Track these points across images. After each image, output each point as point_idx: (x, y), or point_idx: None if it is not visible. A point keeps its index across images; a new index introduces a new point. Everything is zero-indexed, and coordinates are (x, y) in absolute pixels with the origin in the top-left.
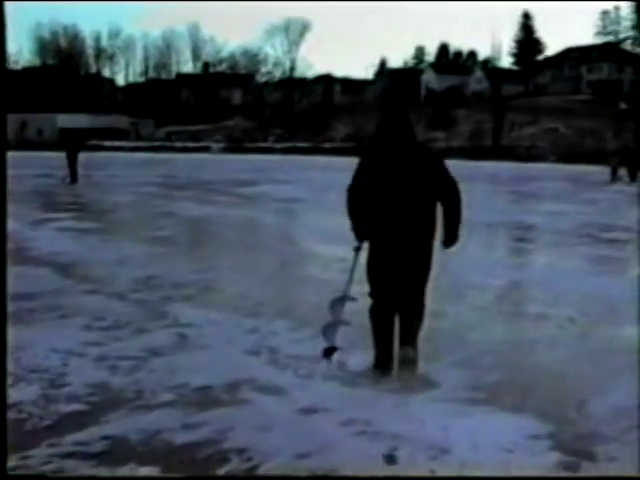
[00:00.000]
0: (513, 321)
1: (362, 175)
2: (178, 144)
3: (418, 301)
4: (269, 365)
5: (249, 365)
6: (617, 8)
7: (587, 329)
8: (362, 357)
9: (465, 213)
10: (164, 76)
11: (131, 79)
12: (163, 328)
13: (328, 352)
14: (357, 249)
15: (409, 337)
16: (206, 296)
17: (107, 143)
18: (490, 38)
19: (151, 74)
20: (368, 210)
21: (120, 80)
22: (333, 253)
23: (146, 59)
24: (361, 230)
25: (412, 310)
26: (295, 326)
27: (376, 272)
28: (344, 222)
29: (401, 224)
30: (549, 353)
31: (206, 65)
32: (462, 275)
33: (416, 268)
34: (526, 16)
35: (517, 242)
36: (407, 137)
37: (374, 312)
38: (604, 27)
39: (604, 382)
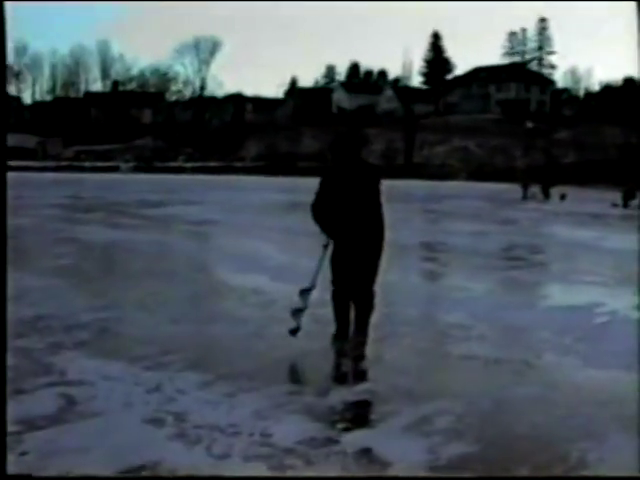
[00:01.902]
0: (447, 365)
1: (324, 190)
2: (87, 164)
3: (369, 290)
4: (174, 440)
5: (149, 441)
6: (524, 29)
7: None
8: (291, 426)
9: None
10: (72, 94)
11: (38, 97)
12: (46, 387)
13: (293, 332)
14: (325, 246)
15: (362, 324)
16: (103, 342)
17: (13, 163)
18: (401, 58)
19: (59, 92)
20: (332, 217)
21: (27, 98)
22: (249, 284)
23: (54, 77)
24: (330, 232)
25: (364, 299)
26: (207, 381)
27: (337, 265)
28: (259, 246)
29: (358, 227)
30: (508, 408)
31: (115, 83)
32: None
33: (369, 262)
34: (436, 36)
35: (441, 266)
36: (357, 157)
37: (335, 296)
38: (511, 48)
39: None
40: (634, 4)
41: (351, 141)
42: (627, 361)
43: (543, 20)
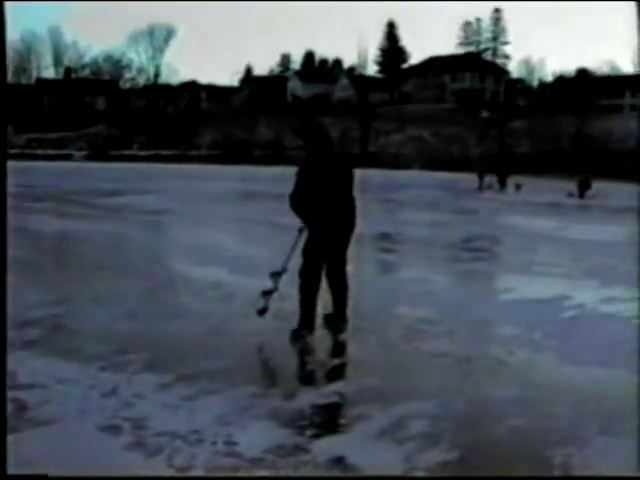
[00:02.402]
0: (419, 364)
1: (302, 180)
2: (39, 151)
3: (343, 271)
4: (132, 449)
5: (105, 451)
6: (478, 19)
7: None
8: (257, 433)
9: None
10: (24, 81)
11: None
12: None
13: (261, 312)
14: (300, 230)
15: (341, 307)
16: (55, 340)
17: None
18: (356, 46)
19: (10, 79)
20: (310, 206)
21: None
22: (207, 277)
23: None
24: (308, 221)
25: (340, 280)
26: (166, 383)
27: (311, 252)
28: (215, 237)
29: (335, 215)
30: (484, 409)
31: (68, 70)
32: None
33: (343, 247)
34: (391, 25)
35: (401, 257)
36: (332, 148)
37: (305, 286)
38: (466, 38)
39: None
40: (634, 4)
41: (325, 132)
42: (601, 357)
43: (497, 10)
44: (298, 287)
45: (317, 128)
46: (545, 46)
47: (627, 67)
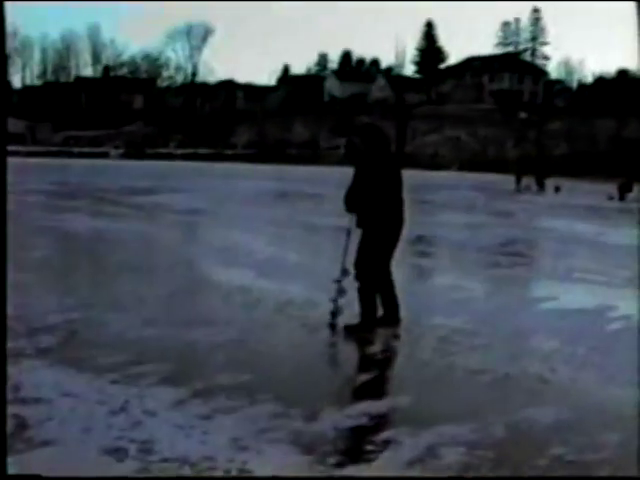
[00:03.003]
0: (454, 381)
1: (358, 181)
2: (76, 149)
3: (389, 271)
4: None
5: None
6: (517, 20)
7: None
8: (274, 460)
9: None
10: (63, 79)
11: (28, 81)
12: None
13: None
14: (349, 232)
15: (394, 311)
16: (68, 348)
17: None
18: (394, 46)
19: (49, 77)
20: (364, 207)
21: (17, 82)
22: (234, 280)
23: (44, 61)
24: (363, 219)
25: (388, 281)
26: (181, 399)
27: (367, 245)
28: (245, 238)
29: (387, 213)
30: (526, 435)
31: (106, 69)
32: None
33: (392, 245)
34: (429, 25)
35: (437, 262)
36: (388, 151)
37: (366, 284)
38: (505, 38)
39: None
40: (634, 4)
41: (383, 134)
42: None
43: (537, 11)
44: (357, 287)
45: (377, 130)
46: (585, 47)
47: None
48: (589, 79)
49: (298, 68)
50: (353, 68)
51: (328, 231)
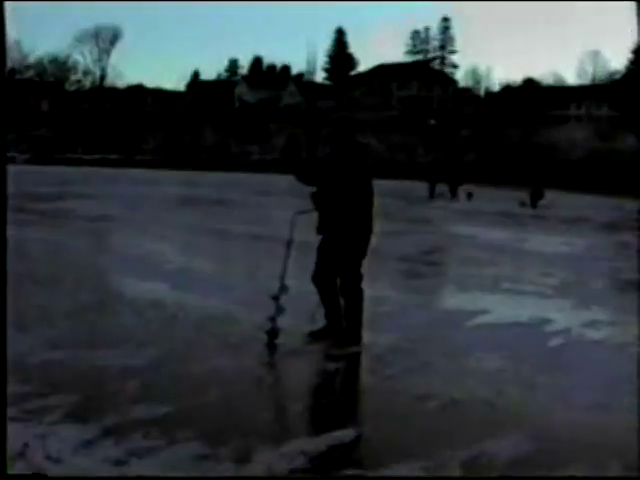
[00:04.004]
0: (397, 409)
1: (326, 181)
2: None
3: (358, 285)
4: None
5: None
6: (427, 28)
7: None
8: None
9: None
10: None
11: None
12: None
13: (271, 338)
14: (288, 243)
15: (355, 323)
16: None
17: None
18: (305, 53)
19: None
20: (330, 208)
21: None
22: (147, 294)
23: None
24: (328, 222)
25: (354, 296)
26: (90, 438)
27: (327, 251)
28: (157, 247)
29: (354, 220)
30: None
31: (12, 71)
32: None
33: (359, 256)
34: (340, 32)
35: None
36: (359, 157)
37: (323, 283)
38: (414, 46)
39: None
40: (634, 4)
41: (351, 134)
42: (602, 398)
43: (446, 19)
44: (318, 293)
45: (348, 135)
46: (492, 55)
47: (571, 79)
48: (496, 87)
49: (208, 74)
50: (263, 74)
51: (242, 238)
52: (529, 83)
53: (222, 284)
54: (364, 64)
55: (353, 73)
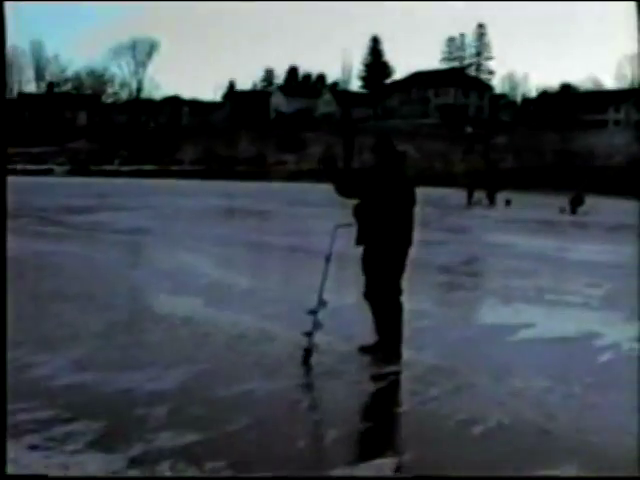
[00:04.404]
0: (442, 436)
1: (368, 194)
2: (19, 166)
3: (397, 298)
4: None
5: None
6: (462, 35)
7: None
8: None
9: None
10: (5, 96)
11: None
12: None
13: (306, 356)
14: (328, 258)
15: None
16: None
17: None
18: (340, 61)
19: None
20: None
21: None
22: (179, 310)
23: None
24: (369, 234)
25: (393, 309)
26: (115, 468)
27: (374, 262)
28: (192, 260)
29: (394, 233)
30: None
31: (51, 85)
32: (346, 341)
33: (398, 268)
34: (375, 40)
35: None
36: (401, 169)
37: (373, 294)
38: (450, 53)
39: None
40: (634, 4)
41: (392, 144)
42: None
43: (481, 26)
44: (370, 309)
45: (390, 143)
46: (528, 62)
47: (610, 83)
48: (533, 93)
49: (244, 84)
50: (299, 83)
51: (279, 251)
52: (566, 88)
53: (257, 299)
54: (399, 72)
55: (389, 81)
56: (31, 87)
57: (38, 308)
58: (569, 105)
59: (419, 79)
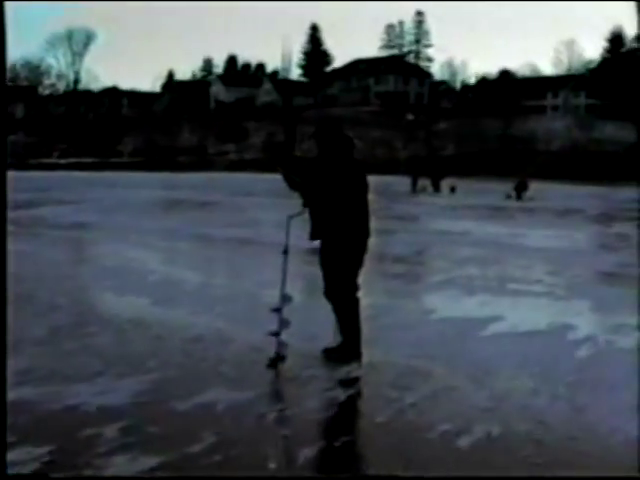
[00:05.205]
0: (425, 451)
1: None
2: None
3: (353, 294)
4: None
5: None
6: (401, 22)
7: None
8: None
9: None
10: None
11: None
12: None
13: (273, 362)
14: (285, 251)
15: (351, 340)
16: None
17: None
18: (279, 50)
19: None
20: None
21: None
22: (127, 311)
23: None
24: (325, 227)
25: (349, 305)
26: None
27: (333, 259)
28: (137, 255)
29: (348, 224)
30: None
31: None
32: (308, 340)
33: (355, 264)
34: (314, 28)
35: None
36: (349, 153)
37: (345, 297)
38: (389, 40)
39: None
40: (634, 4)
41: (338, 128)
42: None
43: (420, 13)
44: (333, 309)
45: (338, 131)
46: (467, 49)
47: (547, 69)
48: (472, 80)
49: (183, 74)
50: (238, 72)
51: (227, 244)
52: (505, 74)
53: (210, 297)
54: (339, 60)
55: (329, 69)
56: None
57: None
58: (508, 91)
59: (359, 67)
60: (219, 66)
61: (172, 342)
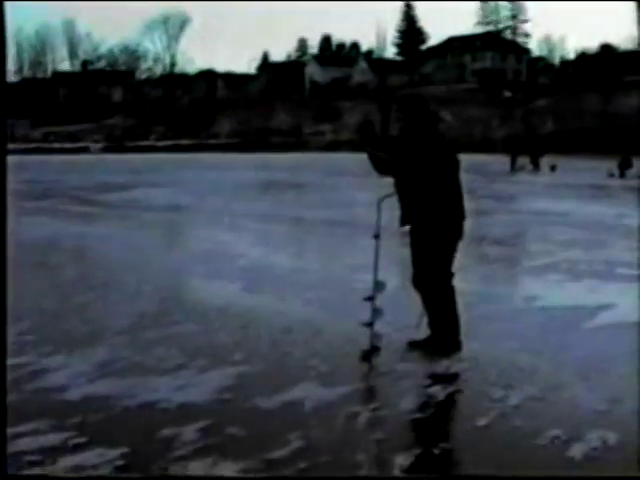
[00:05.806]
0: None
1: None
2: (56, 145)
3: (449, 283)
4: None
5: None
6: None
7: None
8: None
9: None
10: (40, 75)
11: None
12: None
13: (366, 356)
14: (377, 236)
15: (445, 333)
16: None
17: None
18: (374, 29)
19: (26, 73)
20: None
21: None
22: (216, 297)
23: (19, 57)
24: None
25: (444, 295)
26: None
27: (424, 247)
28: (229, 239)
29: (439, 207)
30: None
31: (84, 62)
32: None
33: (448, 250)
34: (408, 6)
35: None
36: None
37: (442, 289)
38: (485, 17)
39: None
40: (634, 4)
41: (422, 103)
42: None
43: None
44: (421, 299)
45: (422, 103)
46: (565, 23)
47: None
48: (571, 55)
49: (278, 55)
50: (333, 53)
51: (320, 226)
52: (606, 49)
53: (301, 282)
54: (435, 38)
55: (424, 47)
56: (65, 66)
57: (58, 301)
58: (609, 66)
59: (454, 44)
60: (314, 47)
61: (259, 332)
